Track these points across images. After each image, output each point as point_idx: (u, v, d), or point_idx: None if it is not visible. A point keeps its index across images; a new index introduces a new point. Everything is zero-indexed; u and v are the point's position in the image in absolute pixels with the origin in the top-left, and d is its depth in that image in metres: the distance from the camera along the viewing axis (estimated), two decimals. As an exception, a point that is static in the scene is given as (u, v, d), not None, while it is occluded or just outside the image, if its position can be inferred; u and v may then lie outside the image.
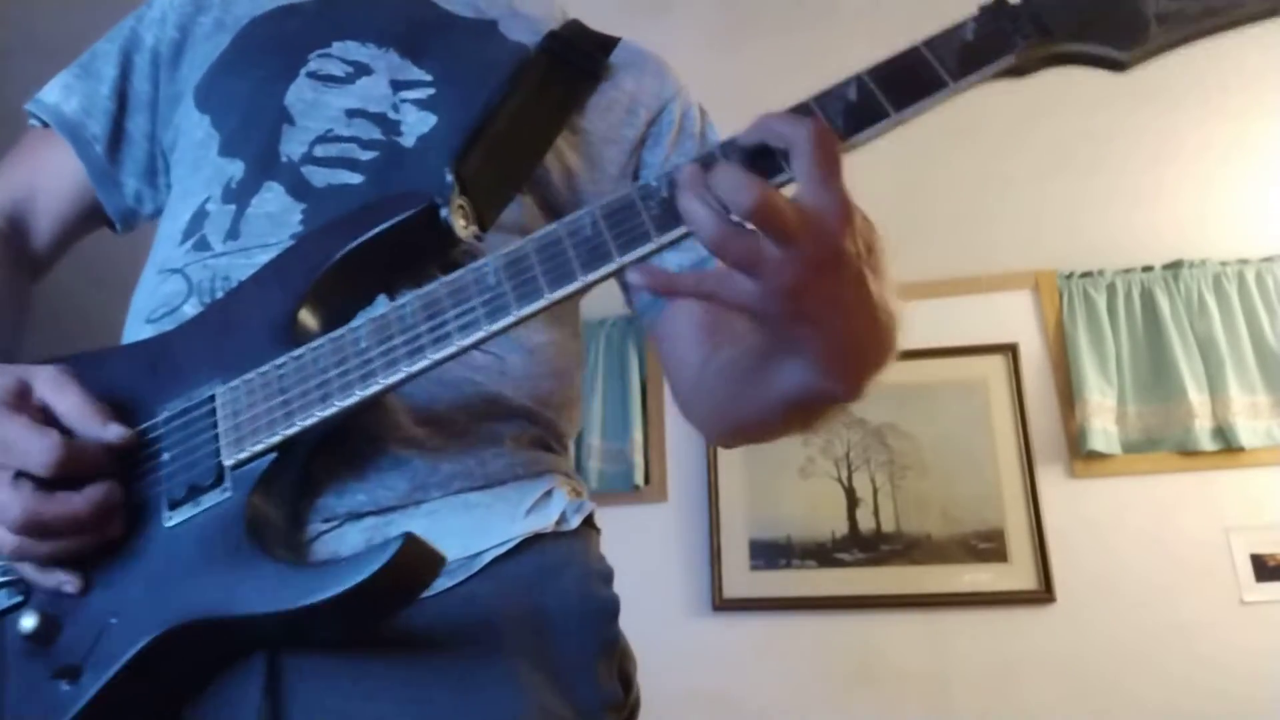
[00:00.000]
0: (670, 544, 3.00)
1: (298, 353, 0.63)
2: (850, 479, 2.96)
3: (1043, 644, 2.69)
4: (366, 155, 0.75)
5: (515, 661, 0.64)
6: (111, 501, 0.61)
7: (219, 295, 0.71)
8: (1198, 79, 2.44)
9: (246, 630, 0.58)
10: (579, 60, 0.86)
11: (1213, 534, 2.72)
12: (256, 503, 0.60)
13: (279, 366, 0.63)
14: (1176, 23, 0.57)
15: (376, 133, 0.77)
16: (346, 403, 0.60)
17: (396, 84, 0.80)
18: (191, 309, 0.71)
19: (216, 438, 0.63)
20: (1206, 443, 2.74)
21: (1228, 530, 2.72)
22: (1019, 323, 3.03)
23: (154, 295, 0.75)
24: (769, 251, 0.52)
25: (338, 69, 0.80)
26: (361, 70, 0.80)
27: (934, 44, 0.58)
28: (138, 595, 0.60)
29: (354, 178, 0.74)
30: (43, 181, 0.90)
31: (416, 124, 0.78)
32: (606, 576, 0.76)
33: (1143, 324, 2.90)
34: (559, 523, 0.72)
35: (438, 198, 0.68)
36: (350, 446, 0.66)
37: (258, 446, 0.61)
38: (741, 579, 2.91)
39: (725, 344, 0.77)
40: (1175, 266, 2.91)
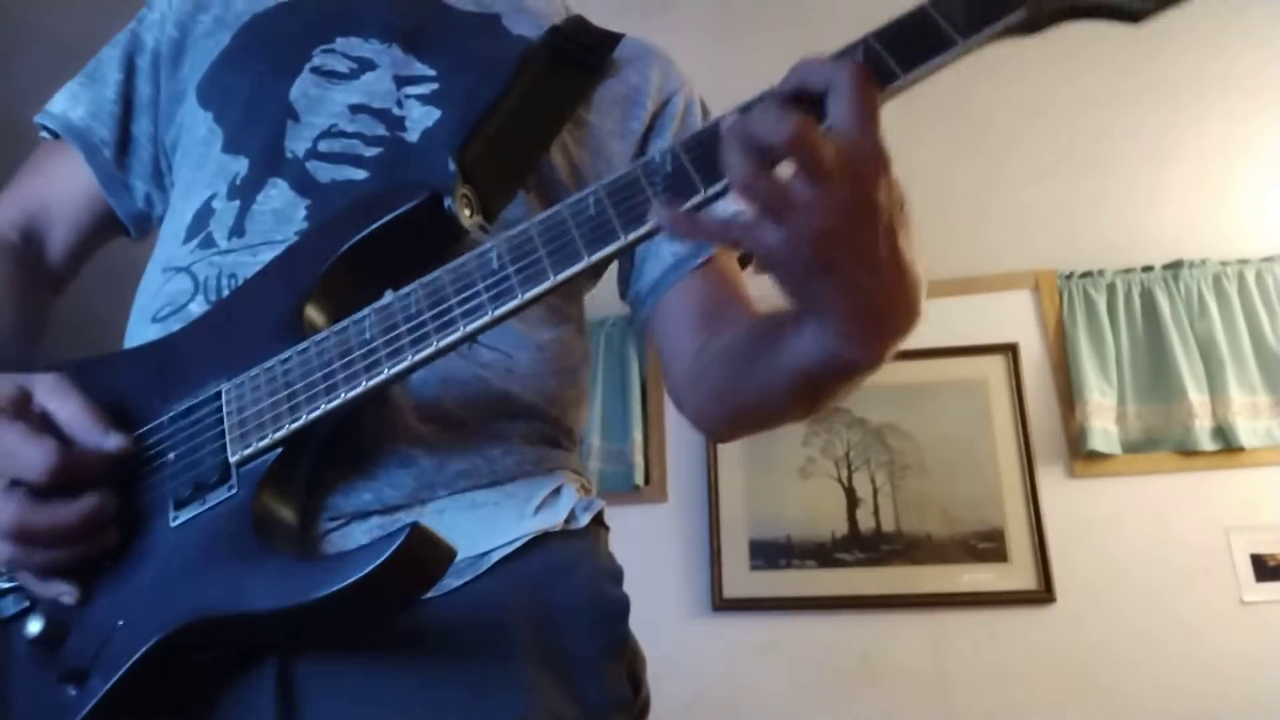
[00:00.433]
0: (670, 544, 2.99)
1: (302, 346, 0.62)
2: (850, 479, 2.96)
3: (1042, 644, 2.68)
4: (371, 151, 0.75)
5: (523, 663, 0.63)
6: (103, 513, 0.60)
7: (225, 293, 0.70)
8: (1197, 79, 2.44)
9: (255, 627, 0.57)
10: (583, 55, 0.85)
11: (1213, 534, 2.72)
12: (263, 499, 0.59)
13: (284, 361, 0.62)
14: None
15: (381, 128, 0.76)
16: (352, 394, 0.59)
17: (400, 79, 0.79)
18: (198, 307, 0.71)
19: (222, 434, 0.62)
20: (1206, 443, 2.73)
21: (1228, 530, 2.71)
22: (1019, 323, 3.02)
23: (159, 294, 0.74)
24: (800, 194, 0.49)
25: (341, 64, 0.80)
26: (365, 65, 0.80)
27: (940, 3, 0.55)
28: (144, 597, 0.59)
29: (359, 173, 0.74)
30: (54, 192, 0.89)
31: (421, 119, 0.77)
32: (616, 576, 0.75)
33: (1143, 324, 2.90)
34: (568, 521, 0.72)
35: (441, 187, 0.67)
36: (357, 445, 0.65)
37: (263, 442, 0.60)
38: (741, 579, 2.90)
39: (724, 329, 0.76)
40: (1175, 266, 2.90)
